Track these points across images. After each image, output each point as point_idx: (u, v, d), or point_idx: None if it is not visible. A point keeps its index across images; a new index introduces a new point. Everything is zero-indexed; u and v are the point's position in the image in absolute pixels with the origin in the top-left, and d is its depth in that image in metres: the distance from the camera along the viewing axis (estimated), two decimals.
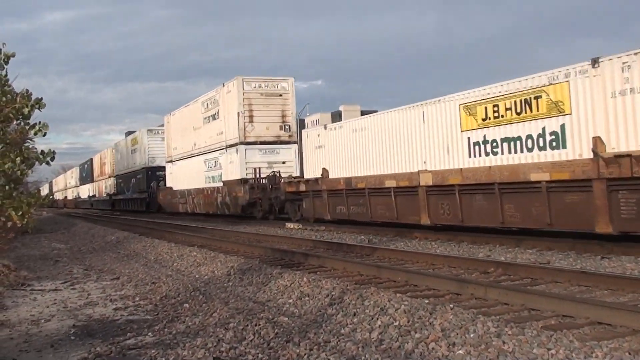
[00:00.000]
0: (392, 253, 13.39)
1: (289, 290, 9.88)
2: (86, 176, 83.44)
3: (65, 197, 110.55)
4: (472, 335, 6.44)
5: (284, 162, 31.01)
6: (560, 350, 5.84)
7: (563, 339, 6.09)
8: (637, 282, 8.42)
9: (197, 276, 12.70)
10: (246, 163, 30.61)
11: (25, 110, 7.47)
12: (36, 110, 7.63)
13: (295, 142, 31.38)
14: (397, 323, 7.17)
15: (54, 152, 7.74)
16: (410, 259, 12.52)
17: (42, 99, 7.62)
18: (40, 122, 7.57)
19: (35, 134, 7.56)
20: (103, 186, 70.24)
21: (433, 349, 6.25)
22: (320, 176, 23.80)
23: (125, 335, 7.99)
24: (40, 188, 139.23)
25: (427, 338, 6.52)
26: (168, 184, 44.35)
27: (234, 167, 31.57)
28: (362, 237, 18.41)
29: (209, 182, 35.18)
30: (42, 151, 7.77)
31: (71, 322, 9.05)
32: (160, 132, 50.11)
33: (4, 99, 7.61)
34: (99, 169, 72.62)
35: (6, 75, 7.71)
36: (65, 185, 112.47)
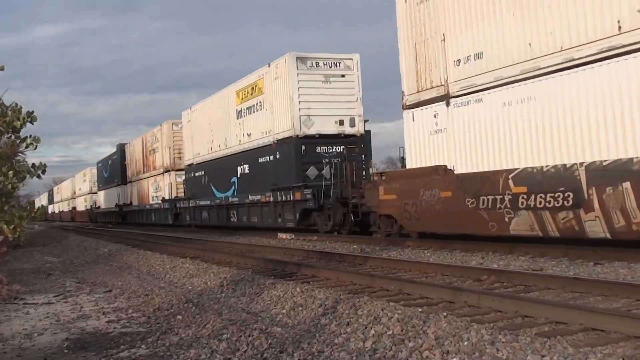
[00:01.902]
0: (384, 262, 13.39)
1: (282, 300, 9.86)
2: (111, 177, 59.18)
3: (74, 208, 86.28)
4: (465, 343, 6.43)
5: None
6: (554, 356, 5.84)
7: (557, 346, 6.09)
8: (630, 287, 8.44)
9: (190, 288, 12.67)
10: None
11: (17, 124, 7.46)
12: (27, 124, 7.63)
13: None
14: (390, 332, 7.16)
15: (44, 165, 7.75)
16: (403, 268, 12.52)
17: (33, 112, 7.62)
18: (31, 136, 7.57)
19: (27, 147, 7.56)
20: (149, 188, 45.97)
21: (427, 357, 6.24)
22: None
23: (118, 347, 7.95)
24: (37, 198, 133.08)
25: (421, 347, 6.51)
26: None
27: None
28: (355, 246, 18.41)
29: None
30: (33, 164, 7.77)
31: (64, 335, 9.01)
32: (321, 63, 25.63)
33: None
34: (141, 162, 48.51)
35: None
36: (73, 192, 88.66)
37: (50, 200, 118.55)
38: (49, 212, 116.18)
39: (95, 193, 69.92)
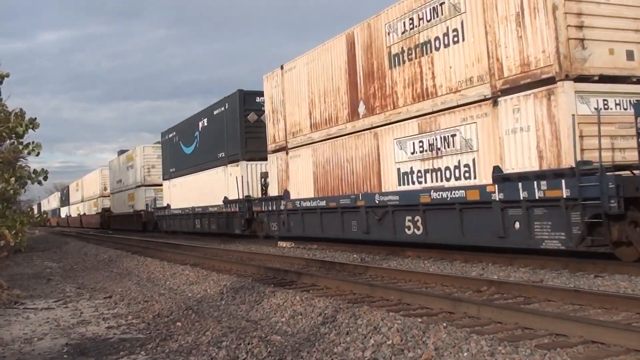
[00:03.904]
0: (384, 272, 13.39)
1: (282, 308, 9.86)
2: (208, 151, 33.39)
3: (106, 210, 62.13)
4: (465, 354, 6.43)
5: None
6: None
7: (557, 358, 6.09)
8: (631, 300, 8.44)
9: (189, 295, 12.67)
10: None
11: (20, 130, 7.48)
12: (29, 130, 7.64)
13: None
14: (390, 342, 7.16)
15: (46, 172, 7.76)
16: (403, 278, 12.52)
17: (35, 119, 7.63)
18: (33, 142, 7.58)
19: (29, 153, 7.57)
20: (389, 153, 18.25)
21: None
22: None
23: (118, 353, 7.95)
24: (45, 199, 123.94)
25: (420, 357, 6.51)
26: None
27: None
28: (355, 255, 18.39)
29: None
30: (35, 170, 7.78)
31: (64, 340, 9.00)
32: None
33: None
34: (338, 96, 20.83)
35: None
36: (104, 188, 63.96)
37: (65, 202, 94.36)
38: (62, 216, 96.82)
39: (158, 186, 45.54)
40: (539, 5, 13.35)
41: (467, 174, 15.38)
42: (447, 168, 15.98)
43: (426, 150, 16.69)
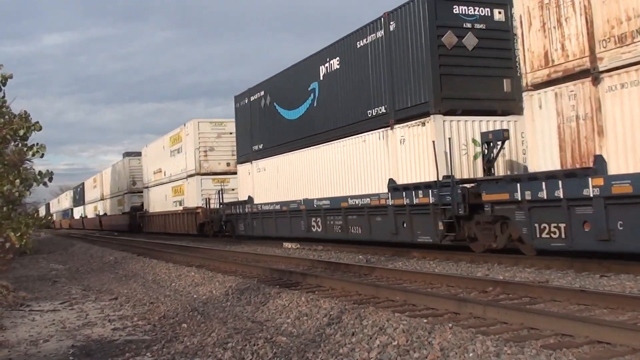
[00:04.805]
0: (390, 272, 13.38)
1: (287, 309, 9.86)
2: (332, 111, 21.61)
3: (135, 209, 50.34)
4: (471, 355, 6.41)
5: None
6: None
7: (562, 358, 6.07)
8: (637, 300, 8.42)
9: (195, 296, 12.67)
10: None
11: (21, 132, 7.49)
12: (33, 132, 7.66)
13: None
14: (395, 342, 7.14)
15: (51, 173, 7.76)
16: (408, 279, 12.51)
17: (37, 122, 7.64)
18: (37, 144, 7.59)
19: (33, 155, 7.58)
20: None
21: None
22: None
23: (123, 355, 7.96)
24: (56, 199, 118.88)
25: (426, 358, 6.49)
26: None
27: None
28: (360, 256, 18.38)
29: None
30: (40, 172, 7.79)
31: (70, 342, 9.02)
32: None
33: (1, 120, 7.64)
34: None
35: (4, 96, 7.74)
36: (129, 182, 52.09)
37: (79, 201, 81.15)
38: (76, 217, 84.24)
39: (219, 174, 35.65)
40: None
41: None
42: None
43: None
